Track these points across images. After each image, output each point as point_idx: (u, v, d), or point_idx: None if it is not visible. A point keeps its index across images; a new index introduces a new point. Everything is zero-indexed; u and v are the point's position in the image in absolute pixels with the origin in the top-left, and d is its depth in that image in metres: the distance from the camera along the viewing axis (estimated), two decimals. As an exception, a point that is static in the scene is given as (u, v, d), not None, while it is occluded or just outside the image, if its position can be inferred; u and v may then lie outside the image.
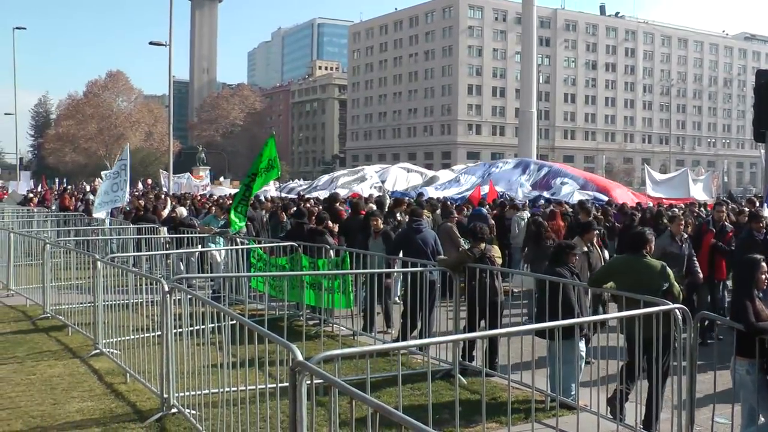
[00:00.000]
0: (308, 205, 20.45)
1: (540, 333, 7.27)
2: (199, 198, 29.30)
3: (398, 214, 15.47)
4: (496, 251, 9.76)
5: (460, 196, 29.50)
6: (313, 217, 14.83)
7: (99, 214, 19.28)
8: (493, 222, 15.84)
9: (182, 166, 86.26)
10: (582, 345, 7.61)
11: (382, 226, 12.55)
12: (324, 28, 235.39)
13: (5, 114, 73.44)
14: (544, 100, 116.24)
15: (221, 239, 14.92)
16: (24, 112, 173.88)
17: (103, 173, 21.81)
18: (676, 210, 16.88)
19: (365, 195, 27.33)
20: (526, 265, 14.26)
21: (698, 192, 28.23)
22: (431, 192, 30.96)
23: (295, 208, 16.61)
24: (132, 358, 8.55)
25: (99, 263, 9.65)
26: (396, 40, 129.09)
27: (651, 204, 23.41)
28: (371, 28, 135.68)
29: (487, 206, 20.18)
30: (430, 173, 39.12)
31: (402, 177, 35.77)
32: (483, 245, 9.51)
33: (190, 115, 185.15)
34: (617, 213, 18.92)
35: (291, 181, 47.21)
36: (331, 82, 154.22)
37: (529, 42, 56.89)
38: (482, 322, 9.26)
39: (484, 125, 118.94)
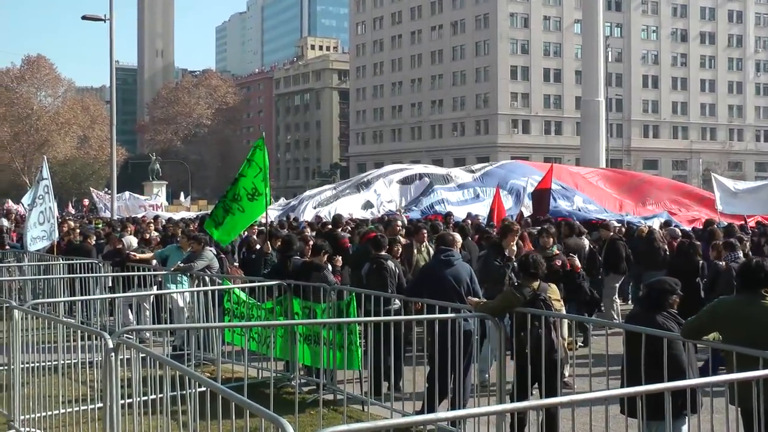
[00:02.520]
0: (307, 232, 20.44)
1: (628, 408, 7.12)
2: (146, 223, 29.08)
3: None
4: (553, 292, 9.71)
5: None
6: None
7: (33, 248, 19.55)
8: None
9: (130, 181, 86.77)
10: (685, 429, 7.46)
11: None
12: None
13: None
14: (616, 86, 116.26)
15: (184, 278, 14.92)
16: None
17: (24, 200, 21.96)
18: None
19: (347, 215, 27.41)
20: None
21: None
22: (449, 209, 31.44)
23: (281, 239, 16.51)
24: (63, 439, 8.51)
25: (16, 312, 9.65)
26: (413, 9, 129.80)
27: (724, 222, 23.43)
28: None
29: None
30: (440, 170, 38.96)
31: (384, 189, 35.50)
32: (537, 284, 9.47)
33: (139, 113, 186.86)
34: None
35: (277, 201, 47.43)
36: (328, 67, 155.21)
37: (593, 5, 56.99)
38: (536, 388, 9.19)
39: (533, 121, 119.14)
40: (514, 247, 13.38)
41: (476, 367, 10.52)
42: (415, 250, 14.93)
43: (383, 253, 12.49)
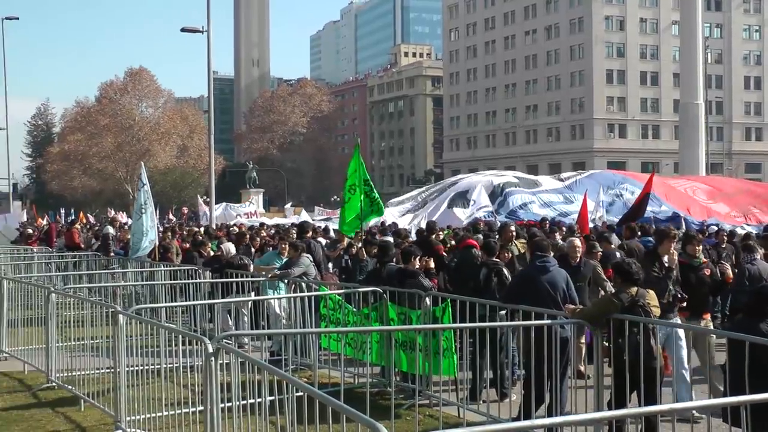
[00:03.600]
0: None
1: (732, 418, 6.99)
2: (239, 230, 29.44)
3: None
4: (652, 298, 9.57)
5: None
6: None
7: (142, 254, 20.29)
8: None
9: (228, 188, 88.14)
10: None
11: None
12: (410, 0, 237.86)
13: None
14: (716, 88, 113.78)
15: (281, 284, 15.12)
16: (18, 125, 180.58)
17: (133, 217, 22.81)
18: None
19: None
20: None
21: None
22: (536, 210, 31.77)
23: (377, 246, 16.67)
24: (166, 441, 8.72)
25: (121, 317, 9.94)
26: (506, 14, 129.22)
27: None
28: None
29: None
30: (529, 177, 39.01)
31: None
32: (635, 289, 9.36)
33: (236, 123, 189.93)
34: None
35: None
36: (422, 74, 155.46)
37: (691, 5, 55.98)
38: (634, 396, 9.09)
39: (630, 125, 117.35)
40: (675, 256, 12.73)
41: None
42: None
43: (496, 259, 12.50)
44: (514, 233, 16.52)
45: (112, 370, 10.10)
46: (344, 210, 19.62)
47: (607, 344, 9.36)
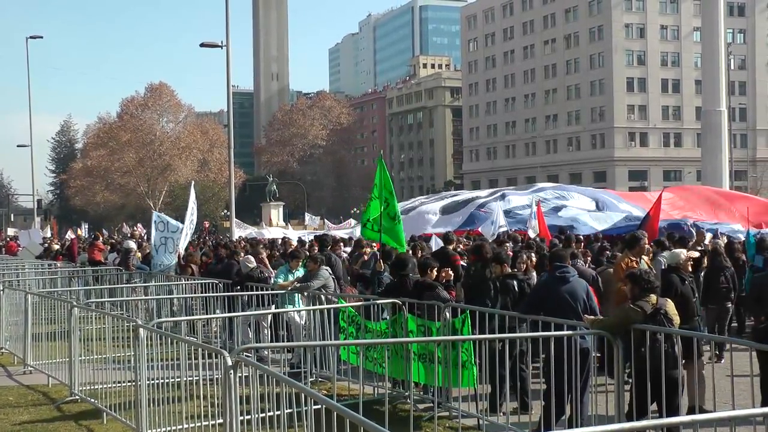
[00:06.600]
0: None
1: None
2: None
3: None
4: (670, 306, 9.58)
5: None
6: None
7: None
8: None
9: (248, 202, 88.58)
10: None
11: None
12: (428, 11, 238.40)
13: (18, 146, 77.77)
14: (739, 94, 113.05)
15: (298, 297, 15.18)
16: (41, 142, 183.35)
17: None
18: None
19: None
20: None
21: None
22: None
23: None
24: (187, 454, 8.77)
25: (142, 330, 10.03)
26: (525, 23, 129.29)
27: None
28: (491, 8, 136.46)
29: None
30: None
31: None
32: (654, 298, 9.36)
33: (256, 136, 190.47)
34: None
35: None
36: (441, 85, 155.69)
37: (713, 11, 55.66)
38: (655, 406, 9.10)
39: (651, 133, 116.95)
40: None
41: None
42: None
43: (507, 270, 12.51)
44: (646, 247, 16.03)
45: (134, 383, 10.20)
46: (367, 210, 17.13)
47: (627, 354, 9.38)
